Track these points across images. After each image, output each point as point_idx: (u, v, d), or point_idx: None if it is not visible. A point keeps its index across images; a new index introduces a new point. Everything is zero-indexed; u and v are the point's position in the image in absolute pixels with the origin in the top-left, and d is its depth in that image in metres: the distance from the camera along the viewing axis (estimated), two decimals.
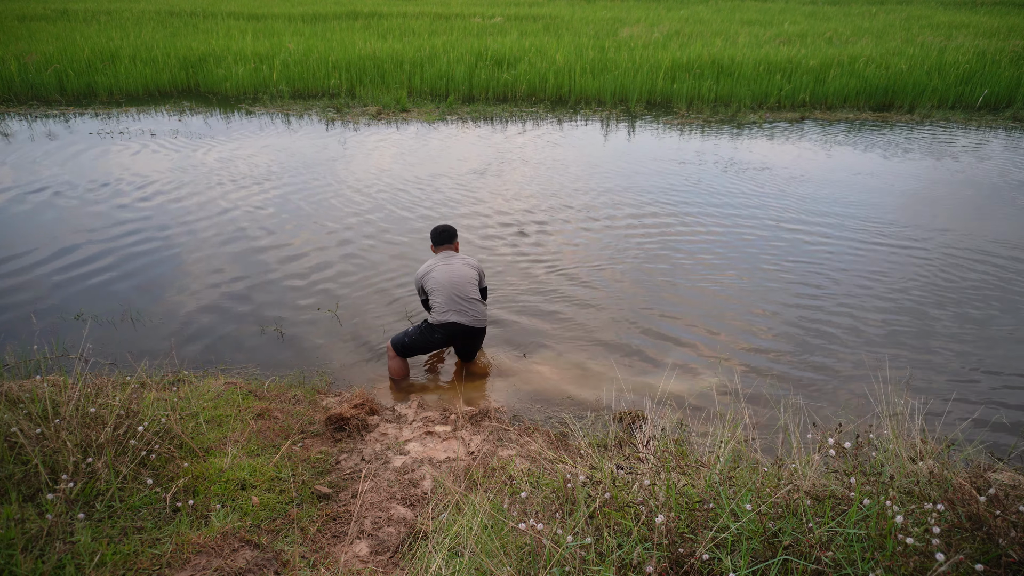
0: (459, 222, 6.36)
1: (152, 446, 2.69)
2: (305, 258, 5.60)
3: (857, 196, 7.36)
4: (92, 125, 10.24)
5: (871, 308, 4.79)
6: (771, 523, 1.92)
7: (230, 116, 11.16)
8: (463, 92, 12.67)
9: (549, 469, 2.79)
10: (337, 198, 7.10)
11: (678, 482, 2.21)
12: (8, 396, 2.95)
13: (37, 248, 5.64)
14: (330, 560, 2.32)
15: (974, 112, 11.95)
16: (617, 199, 7.19)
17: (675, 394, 3.68)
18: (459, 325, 3.82)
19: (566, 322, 4.61)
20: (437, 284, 3.85)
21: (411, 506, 2.66)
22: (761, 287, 5.14)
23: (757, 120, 11.38)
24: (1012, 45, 14.66)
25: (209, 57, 13.33)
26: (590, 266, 5.51)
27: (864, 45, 14.93)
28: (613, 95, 12.49)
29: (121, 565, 2.20)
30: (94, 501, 2.44)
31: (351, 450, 3.09)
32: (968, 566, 1.78)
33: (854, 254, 5.74)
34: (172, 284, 5.10)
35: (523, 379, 3.96)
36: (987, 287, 5.12)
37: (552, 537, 1.98)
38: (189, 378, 3.64)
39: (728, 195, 7.37)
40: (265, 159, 8.57)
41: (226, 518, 2.46)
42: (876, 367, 3.89)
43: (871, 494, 1.94)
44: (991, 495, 1.96)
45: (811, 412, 3.42)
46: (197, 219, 6.41)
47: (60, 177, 7.56)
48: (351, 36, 15.64)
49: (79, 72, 12.21)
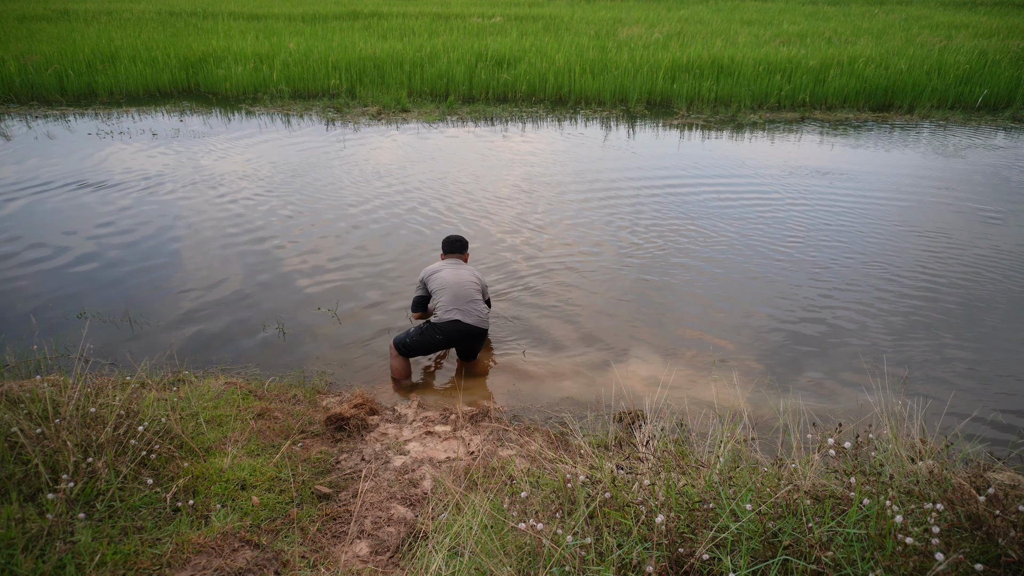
0: (459, 222, 6.37)
1: (152, 446, 2.69)
2: (305, 258, 5.60)
3: (858, 196, 7.37)
4: (92, 125, 10.24)
5: (871, 308, 4.79)
6: (771, 523, 1.92)
7: (230, 116, 11.16)
8: (463, 92, 12.67)
9: (549, 469, 2.79)
10: (337, 198, 7.10)
11: (678, 482, 2.21)
12: (8, 396, 2.95)
13: (37, 248, 5.65)
14: (330, 560, 2.32)
15: (973, 112, 11.95)
16: (618, 199, 7.19)
17: (675, 394, 3.69)
18: (462, 324, 3.84)
19: (566, 322, 4.62)
20: (443, 284, 3.92)
21: (411, 506, 2.66)
22: (761, 287, 5.14)
23: (757, 120, 11.39)
24: (1012, 45, 14.65)
25: (209, 57, 13.33)
26: (591, 266, 5.51)
27: (864, 45, 14.93)
28: (613, 95, 12.49)
29: (121, 565, 2.20)
30: (94, 501, 2.45)
31: (351, 450, 3.09)
32: (968, 566, 1.78)
33: (854, 254, 5.74)
34: (172, 284, 5.10)
35: (523, 379, 3.96)
36: (988, 287, 5.12)
37: (552, 537, 1.98)
38: (189, 378, 3.64)
39: (731, 199, 7.37)
40: (265, 159, 8.57)
41: (226, 518, 2.46)
42: (876, 367, 3.89)
43: (871, 494, 1.94)
44: (990, 495, 1.96)
45: (811, 412, 3.42)
46: (197, 219, 6.41)
47: (60, 177, 7.56)
48: (351, 36, 15.64)
49: (79, 72, 12.21)
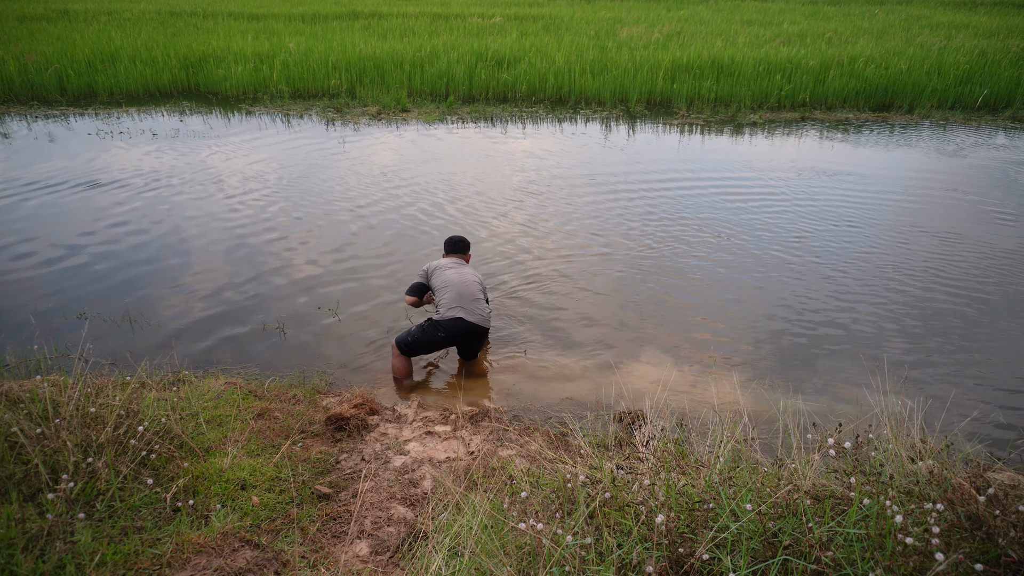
0: (461, 222, 6.36)
1: (152, 446, 2.69)
2: (306, 258, 5.60)
3: (858, 196, 7.37)
4: (92, 125, 10.24)
5: (871, 308, 4.79)
6: (771, 523, 1.92)
7: (230, 116, 11.16)
8: (463, 92, 12.67)
9: (549, 469, 2.79)
10: (337, 197, 7.10)
11: (678, 482, 2.21)
12: (8, 396, 2.95)
13: (37, 248, 5.65)
14: (330, 560, 2.32)
15: (973, 112, 11.94)
16: (620, 199, 7.19)
17: (675, 394, 3.69)
18: (465, 322, 3.85)
19: (567, 322, 4.61)
20: (447, 282, 3.96)
21: (411, 506, 2.66)
22: (762, 287, 5.14)
23: (757, 120, 11.38)
24: (1012, 45, 14.65)
25: (209, 57, 13.33)
26: (591, 266, 5.51)
27: (864, 45, 14.93)
28: (613, 95, 12.49)
29: (121, 565, 2.20)
30: (94, 501, 2.45)
31: (351, 450, 3.09)
32: (967, 566, 1.78)
33: (856, 254, 5.74)
34: (172, 284, 5.10)
35: (523, 379, 3.96)
36: (988, 287, 5.12)
37: (552, 537, 1.98)
38: (189, 378, 3.64)
39: (730, 197, 7.37)
40: (265, 159, 8.57)
41: (226, 518, 2.46)
42: (876, 367, 3.89)
43: (871, 494, 1.94)
44: (990, 495, 1.96)
45: (811, 412, 3.42)
46: (197, 218, 6.41)
47: (60, 177, 7.56)
48: (351, 36, 15.64)
49: (79, 72, 12.20)
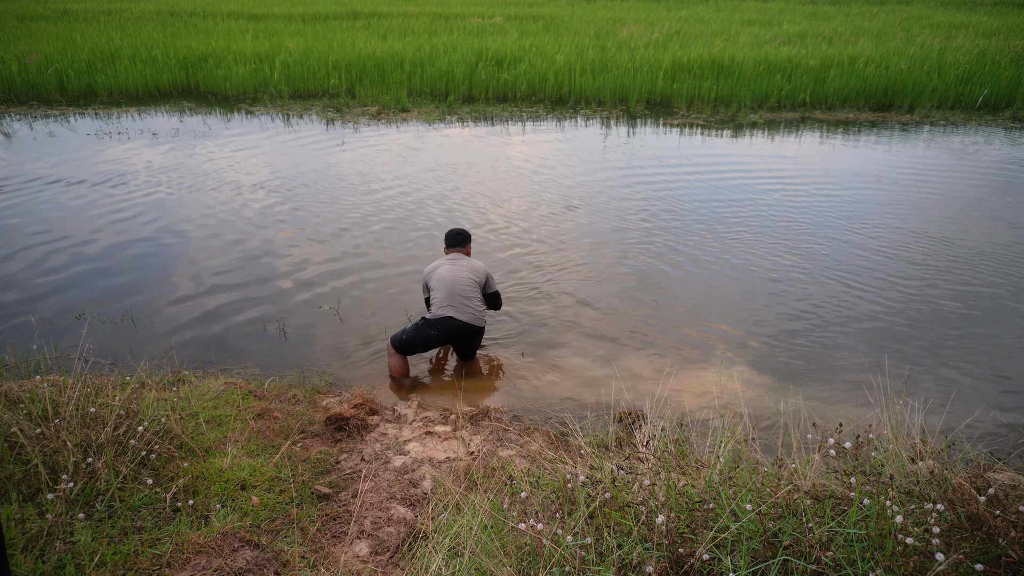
0: (461, 222, 6.36)
1: (152, 446, 2.69)
2: (306, 258, 5.60)
3: (858, 196, 7.37)
4: (92, 125, 10.24)
5: (872, 308, 4.79)
6: (771, 523, 1.92)
7: (230, 116, 11.15)
8: (463, 92, 12.67)
9: (549, 469, 2.79)
10: (337, 197, 7.09)
11: (678, 482, 2.21)
12: (8, 396, 2.95)
13: (37, 248, 5.64)
14: (330, 560, 2.32)
15: (974, 112, 11.94)
16: (621, 198, 7.19)
17: (675, 394, 3.69)
18: (455, 321, 3.84)
19: (566, 322, 4.61)
20: (439, 281, 3.93)
21: (411, 506, 2.66)
22: (761, 287, 5.13)
23: (757, 120, 11.38)
24: (1012, 45, 14.65)
25: (209, 57, 13.33)
26: (593, 266, 5.50)
27: (864, 45, 14.93)
28: (613, 95, 12.49)
29: (121, 565, 2.20)
30: (94, 501, 2.45)
31: (351, 450, 3.09)
32: (968, 566, 1.78)
33: (855, 254, 5.73)
34: (172, 284, 5.10)
35: (523, 379, 3.96)
36: (989, 287, 5.12)
37: (552, 537, 1.98)
38: (189, 378, 3.64)
39: (731, 198, 7.37)
40: (265, 159, 8.57)
41: (226, 518, 2.46)
42: (876, 367, 3.89)
43: (871, 494, 1.94)
44: (991, 495, 1.96)
45: (811, 412, 3.42)
46: (197, 218, 6.40)
47: (60, 177, 7.56)
48: (351, 36, 15.64)
49: (79, 72, 12.20)
